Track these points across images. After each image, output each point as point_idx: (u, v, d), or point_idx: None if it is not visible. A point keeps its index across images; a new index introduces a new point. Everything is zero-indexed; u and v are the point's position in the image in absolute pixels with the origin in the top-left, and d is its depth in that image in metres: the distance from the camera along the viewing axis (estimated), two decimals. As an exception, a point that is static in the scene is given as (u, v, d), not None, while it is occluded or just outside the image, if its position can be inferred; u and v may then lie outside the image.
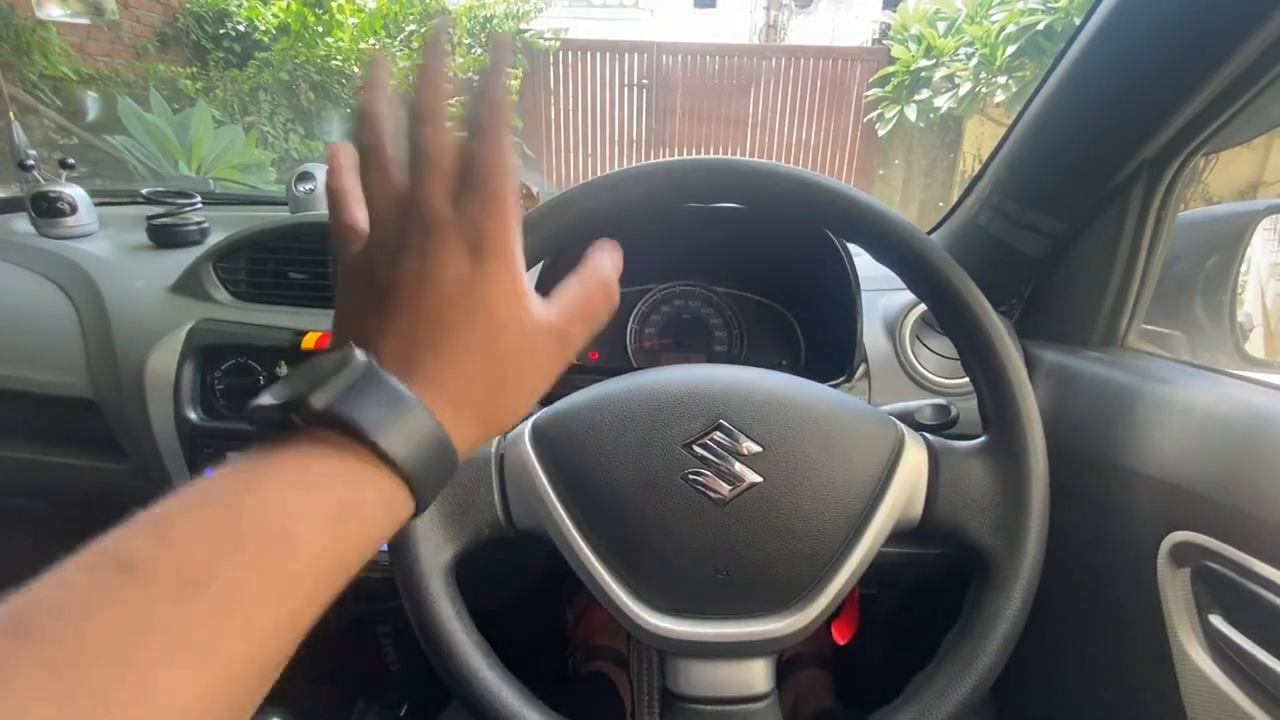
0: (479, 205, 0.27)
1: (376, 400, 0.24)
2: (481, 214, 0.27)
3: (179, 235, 0.90)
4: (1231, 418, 0.49)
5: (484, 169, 0.27)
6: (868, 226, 0.42)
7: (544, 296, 0.30)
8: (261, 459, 0.23)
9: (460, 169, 0.28)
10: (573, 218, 0.42)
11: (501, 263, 0.28)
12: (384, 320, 0.27)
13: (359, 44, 4.09)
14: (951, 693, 0.38)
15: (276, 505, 0.22)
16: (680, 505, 0.40)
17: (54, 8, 0.90)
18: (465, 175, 0.28)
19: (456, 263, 0.27)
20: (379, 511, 0.25)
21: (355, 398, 0.24)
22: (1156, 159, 0.58)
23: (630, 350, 0.83)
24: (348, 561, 0.24)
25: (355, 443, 0.24)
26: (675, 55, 5.42)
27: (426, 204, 0.27)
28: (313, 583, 0.22)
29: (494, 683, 0.39)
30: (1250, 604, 0.44)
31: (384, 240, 0.28)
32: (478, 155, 0.28)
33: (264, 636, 0.21)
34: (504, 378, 0.28)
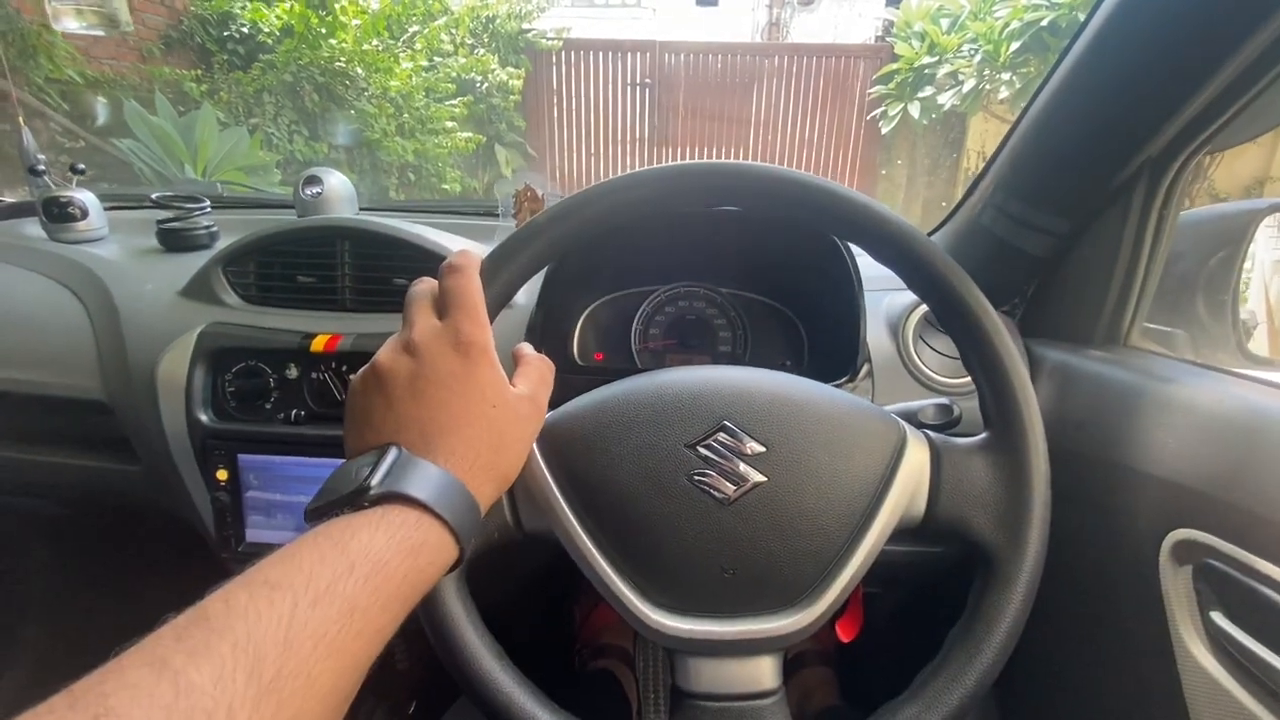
0: (461, 316, 0.37)
1: (414, 474, 0.32)
2: (464, 322, 0.37)
3: (188, 239, 0.91)
4: (1233, 416, 0.49)
5: (461, 293, 0.38)
6: (866, 228, 0.43)
7: (548, 302, 0.35)
8: (351, 519, 0.30)
9: (442, 297, 0.38)
10: (575, 225, 0.43)
11: (483, 355, 0.37)
12: (398, 419, 0.35)
13: (362, 45, 4.09)
14: (955, 687, 0.39)
15: (369, 543, 0.29)
16: (686, 506, 0.41)
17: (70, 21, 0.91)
18: (447, 299, 0.38)
19: (449, 362, 0.36)
20: (437, 551, 0.32)
21: (398, 476, 0.32)
22: (1159, 158, 0.59)
23: (635, 351, 0.84)
24: (420, 586, 0.31)
25: (409, 506, 0.32)
26: (678, 54, 5.41)
27: (419, 323, 0.37)
28: (401, 600, 0.30)
29: (506, 683, 0.40)
30: (1252, 601, 0.44)
31: (385, 361, 0.37)
32: (454, 285, 0.38)
33: (372, 639, 0.28)
34: (501, 441, 0.37)
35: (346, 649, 0.26)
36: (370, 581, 0.28)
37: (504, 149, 5.07)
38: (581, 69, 5.45)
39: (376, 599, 0.28)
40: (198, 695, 0.21)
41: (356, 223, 0.77)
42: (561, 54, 5.33)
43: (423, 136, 4.39)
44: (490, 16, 4.93)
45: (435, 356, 0.36)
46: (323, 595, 0.26)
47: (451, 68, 4.60)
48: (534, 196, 0.94)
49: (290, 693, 0.23)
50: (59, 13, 0.94)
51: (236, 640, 0.23)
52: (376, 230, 0.75)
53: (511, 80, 4.88)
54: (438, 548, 0.32)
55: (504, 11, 4.96)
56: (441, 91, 4.50)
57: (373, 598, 0.28)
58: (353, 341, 0.71)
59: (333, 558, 0.28)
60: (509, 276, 0.43)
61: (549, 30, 5.20)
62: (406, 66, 4.30)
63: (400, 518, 0.31)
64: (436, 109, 4.44)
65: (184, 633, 0.23)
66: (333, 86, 4.05)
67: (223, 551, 0.76)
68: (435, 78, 4.48)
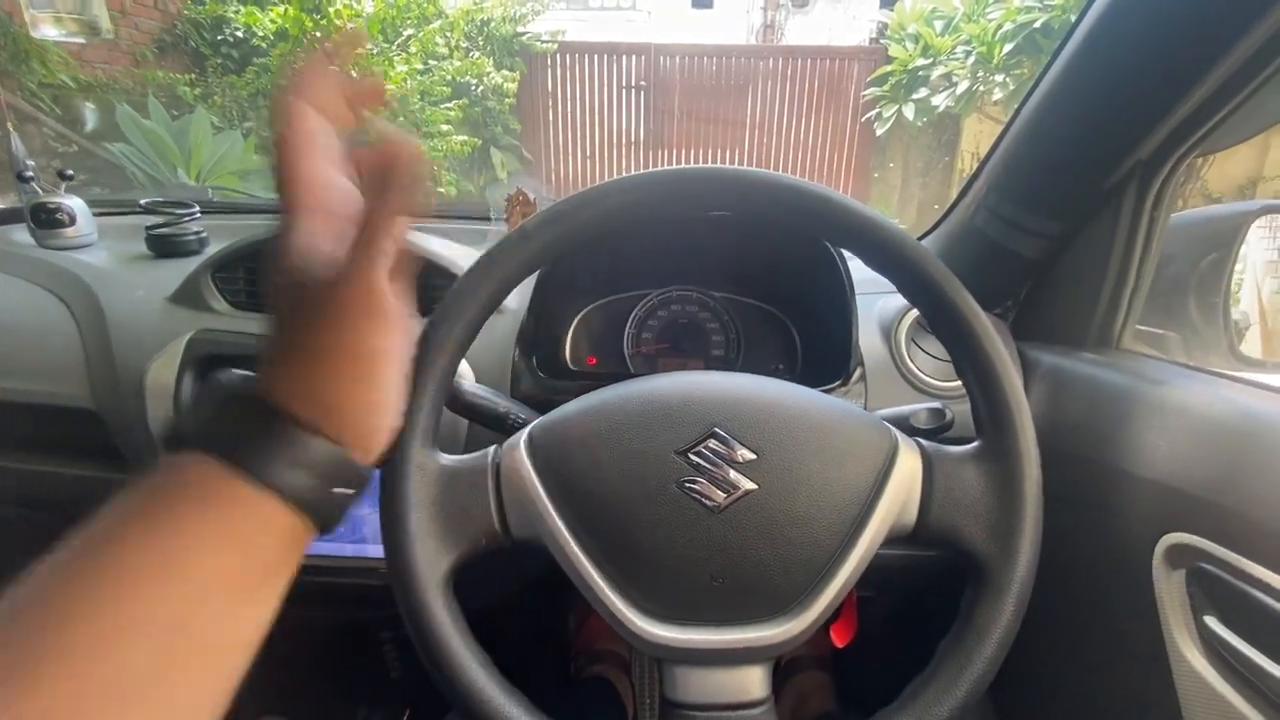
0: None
1: (291, 442, 0.28)
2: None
3: (178, 245, 0.90)
4: (1226, 420, 0.49)
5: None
6: (856, 233, 0.43)
7: (540, 307, 0.33)
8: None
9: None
10: (566, 230, 0.43)
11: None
12: (318, 350, 0.30)
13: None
14: (947, 697, 0.39)
15: (174, 544, 0.25)
16: (675, 513, 0.40)
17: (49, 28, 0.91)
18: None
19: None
20: (283, 555, 0.29)
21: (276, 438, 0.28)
22: (1149, 161, 0.59)
23: (627, 355, 0.83)
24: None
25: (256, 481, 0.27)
26: (673, 56, 5.42)
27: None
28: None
29: (495, 695, 0.39)
30: (1245, 605, 0.44)
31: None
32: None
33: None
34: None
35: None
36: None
37: (499, 152, 5.07)
38: (576, 72, 5.45)
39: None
40: None
41: (347, 228, 0.76)
42: (556, 57, 5.34)
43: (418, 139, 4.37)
44: (485, 20, 4.93)
45: (391, 315, 0.34)
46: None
47: (446, 71, 4.60)
48: (526, 201, 0.94)
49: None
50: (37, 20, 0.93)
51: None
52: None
53: (506, 83, 4.88)
54: (287, 545, 0.30)
55: (499, 15, 4.96)
56: (436, 95, 4.50)
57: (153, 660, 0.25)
58: None
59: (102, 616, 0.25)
60: (499, 281, 0.42)
61: (544, 33, 5.20)
62: (401, 70, 4.30)
63: (236, 498, 0.28)
64: (432, 112, 4.43)
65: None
66: (327, 90, 4.04)
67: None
68: (430, 81, 4.47)
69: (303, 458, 0.28)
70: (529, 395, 0.68)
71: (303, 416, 0.28)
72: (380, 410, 0.32)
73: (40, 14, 0.97)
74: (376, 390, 0.32)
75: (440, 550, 0.41)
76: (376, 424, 0.32)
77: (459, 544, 0.42)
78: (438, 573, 0.41)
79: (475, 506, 0.42)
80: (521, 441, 0.44)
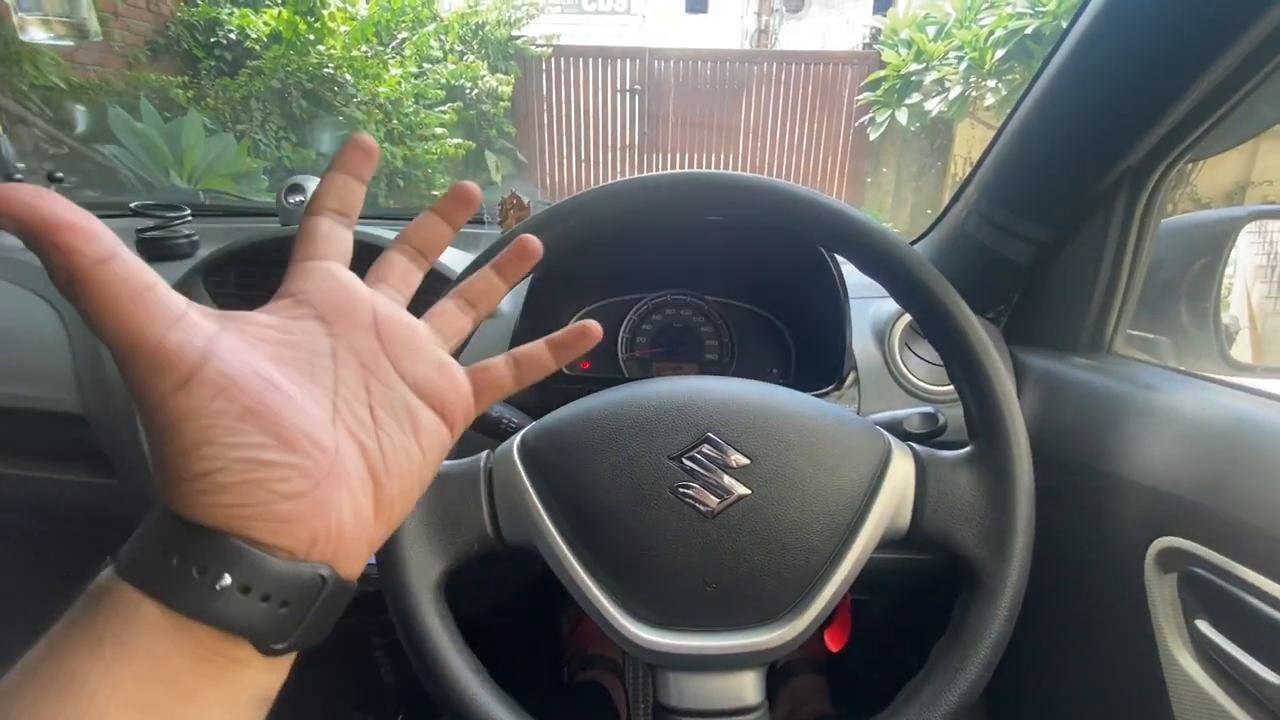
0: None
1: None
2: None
3: (169, 248, 0.89)
4: (1217, 424, 0.49)
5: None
6: (848, 238, 0.43)
7: (533, 310, 0.32)
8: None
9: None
10: (558, 233, 0.43)
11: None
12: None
13: (351, 51, 4.08)
14: (940, 701, 0.39)
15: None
16: (669, 518, 0.40)
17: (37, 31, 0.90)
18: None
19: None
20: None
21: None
22: (1139, 167, 0.59)
23: (622, 359, 0.83)
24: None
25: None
26: (667, 60, 5.44)
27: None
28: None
29: (486, 701, 0.39)
30: (1236, 608, 0.44)
31: None
32: None
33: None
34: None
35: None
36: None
37: (494, 155, 5.07)
38: (571, 75, 5.46)
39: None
40: None
41: (339, 231, 0.76)
42: (551, 60, 5.35)
43: (412, 143, 4.38)
44: (480, 23, 4.93)
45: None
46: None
47: (441, 74, 4.60)
48: (520, 204, 0.94)
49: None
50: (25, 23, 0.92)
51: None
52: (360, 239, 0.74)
53: (501, 86, 4.88)
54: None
55: (493, 18, 4.96)
56: (431, 98, 4.50)
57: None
58: None
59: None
60: None
61: (538, 37, 5.21)
62: (396, 73, 4.29)
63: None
64: (426, 115, 4.43)
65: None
66: (321, 93, 4.04)
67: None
68: (425, 84, 4.47)
69: (241, 577, 0.22)
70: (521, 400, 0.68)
71: (238, 530, 0.22)
72: (351, 512, 0.25)
73: (29, 17, 0.96)
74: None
75: (432, 556, 0.41)
76: (343, 529, 0.24)
77: (451, 549, 0.42)
78: (430, 578, 0.40)
79: (467, 512, 0.42)
80: (514, 446, 0.44)
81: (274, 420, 0.22)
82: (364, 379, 0.26)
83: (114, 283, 0.20)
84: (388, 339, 0.27)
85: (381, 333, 0.27)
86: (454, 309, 0.32)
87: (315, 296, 0.26)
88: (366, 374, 0.26)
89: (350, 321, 0.27)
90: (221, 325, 0.23)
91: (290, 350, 0.25)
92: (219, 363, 0.22)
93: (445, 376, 0.29)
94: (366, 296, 0.28)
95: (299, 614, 0.23)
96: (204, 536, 0.22)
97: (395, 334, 0.28)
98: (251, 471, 0.22)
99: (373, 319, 0.27)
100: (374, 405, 0.26)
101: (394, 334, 0.28)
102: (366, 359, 0.27)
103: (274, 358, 0.24)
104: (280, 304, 0.26)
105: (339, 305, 0.27)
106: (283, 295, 0.26)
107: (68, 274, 0.20)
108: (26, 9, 0.96)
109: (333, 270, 0.27)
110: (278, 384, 0.23)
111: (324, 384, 0.25)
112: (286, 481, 0.22)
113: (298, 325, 0.26)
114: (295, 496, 0.23)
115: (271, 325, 0.25)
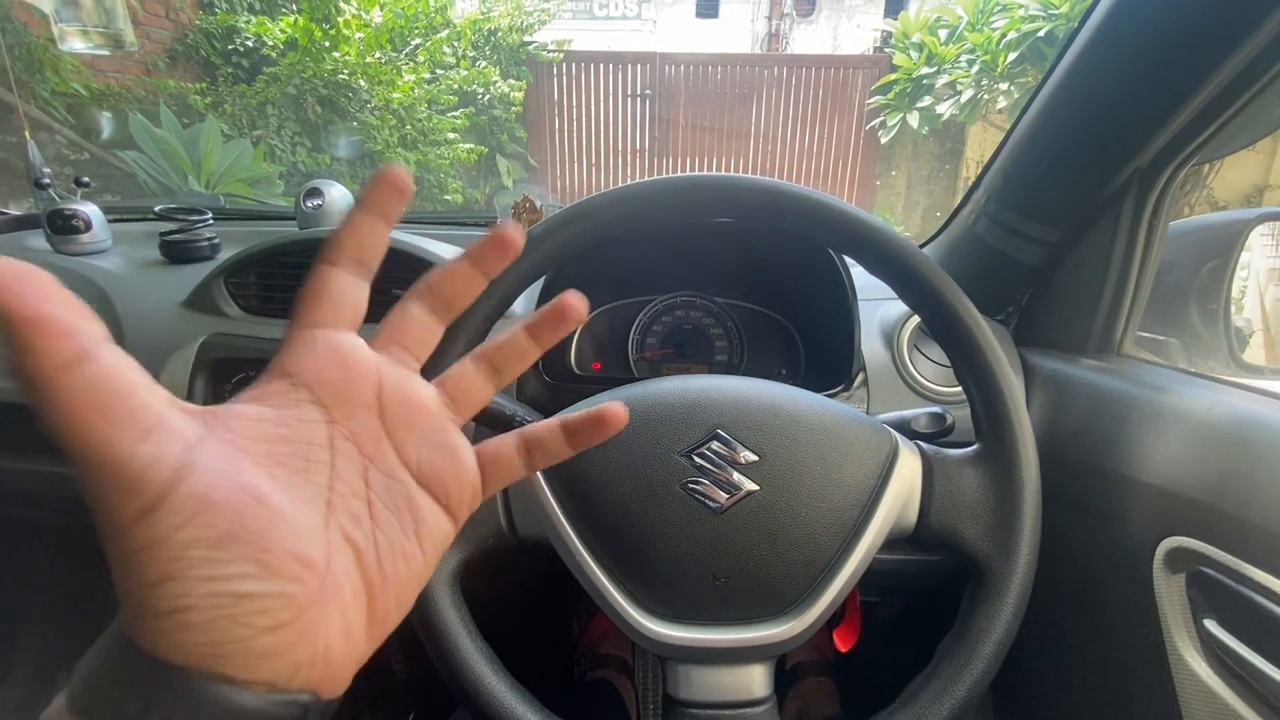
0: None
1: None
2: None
3: (191, 251, 0.91)
4: (1226, 424, 0.50)
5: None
6: (856, 240, 0.43)
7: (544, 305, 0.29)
8: None
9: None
10: (571, 236, 0.43)
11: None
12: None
13: (365, 58, 4.13)
14: (946, 697, 0.39)
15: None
16: (679, 513, 0.41)
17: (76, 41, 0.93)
18: None
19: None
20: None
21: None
22: (1148, 168, 0.59)
23: (632, 361, 0.84)
24: None
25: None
26: (678, 65, 5.46)
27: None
28: None
29: (501, 690, 0.40)
30: (1244, 608, 0.44)
31: None
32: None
33: None
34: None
35: None
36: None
37: (505, 160, 5.11)
38: (582, 81, 5.49)
39: None
40: None
41: (356, 234, 0.77)
42: (562, 66, 5.38)
43: (425, 148, 4.43)
44: (492, 29, 4.98)
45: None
46: None
47: (453, 80, 4.64)
48: (532, 207, 0.95)
49: None
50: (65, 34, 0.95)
51: None
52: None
53: (513, 92, 4.92)
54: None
55: (505, 24, 5.01)
56: (443, 103, 4.54)
57: None
58: None
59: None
60: (505, 287, 0.43)
61: (550, 42, 5.24)
62: (409, 79, 4.34)
63: None
64: (438, 120, 4.47)
65: None
66: (336, 99, 4.09)
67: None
68: (437, 90, 4.52)
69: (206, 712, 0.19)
70: (534, 399, 0.69)
71: (210, 669, 0.20)
72: (340, 633, 0.22)
73: (69, 28, 0.99)
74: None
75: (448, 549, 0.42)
76: (331, 653, 0.22)
77: (466, 543, 0.43)
78: (446, 571, 0.42)
79: (482, 506, 0.43)
80: None
81: (256, 543, 0.20)
82: (363, 469, 0.24)
83: (80, 390, 0.17)
84: (392, 419, 0.24)
85: (386, 412, 0.24)
86: (474, 375, 0.27)
87: (313, 378, 0.23)
88: (366, 463, 0.24)
89: (351, 403, 0.24)
90: (206, 429, 0.21)
91: (283, 446, 0.22)
92: (195, 482, 0.19)
93: (453, 462, 0.26)
94: (372, 369, 0.24)
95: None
96: (168, 677, 0.19)
97: (401, 412, 0.25)
98: (226, 607, 0.19)
99: (377, 396, 0.24)
100: (372, 499, 0.24)
101: (400, 413, 0.25)
102: (367, 445, 0.24)
103: (264, 458, 0.21)
104: (275, 387, 0.23)
105: (339, 386, 0.24)
106: (279, 375, 0.23)
107: (26, 376, 0.17)
108: (66, 20, 0.99)
109: (336, 343, 0.24)
110: (263, 497, 0.20)
111: (318, 480, 0.22)
112: (267, 614, 0.20)
113: (292, 415, 0.23)
114: (277, 628, 0.20)
115: (263, 419, 0.22)
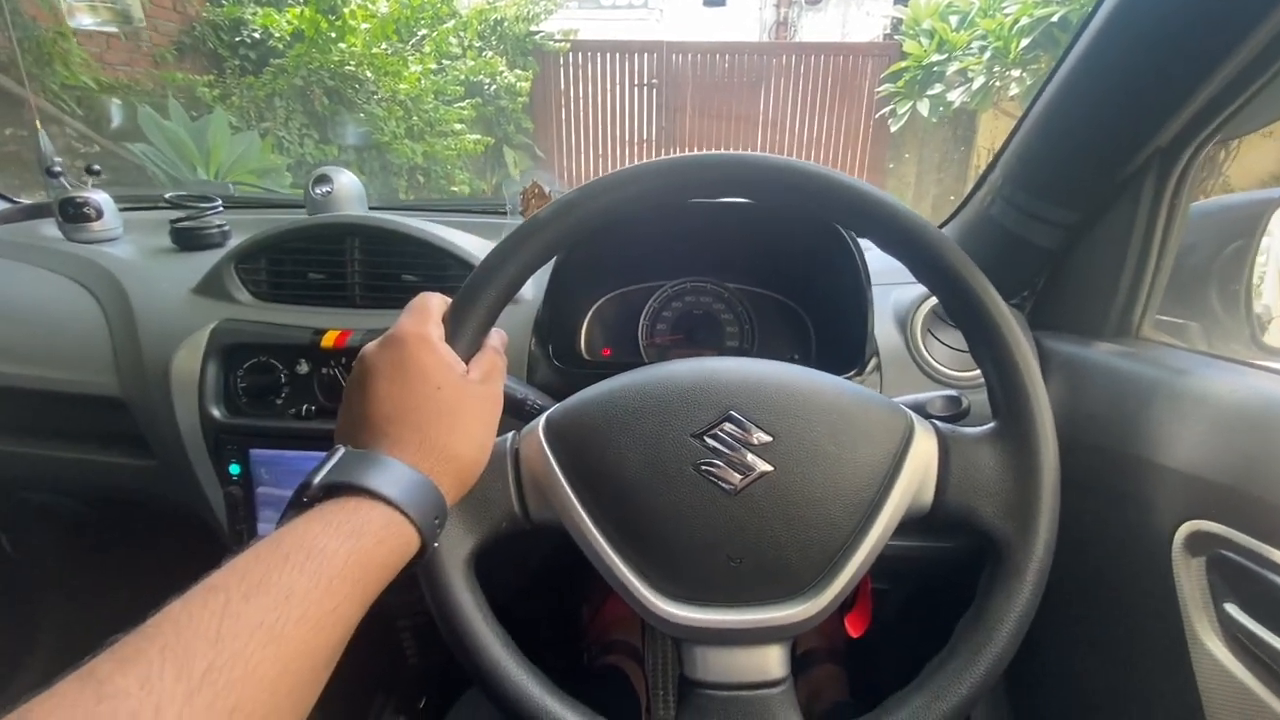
0: (402, 317, 0.41)
1: (354, 464, 0.34)
2: (402, 320, 0.40)
3: (201, 238, 0.92)
4: (1248, 407, 0.49)
5: (411, 303, 0.42)
6: (876, 219, 0.43)
7: (555, 298, 0.35)
8: (295, 520, 0.32)
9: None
10: (579, 218, 0.43)
11: (420, 343, 0.39)
12: (351, 418, 0.38)
13: (371, 49, 4.12)
14: (965, 677, 0.39)
15: (306, 532, 0.30)
16: (692, 495, 0.41)
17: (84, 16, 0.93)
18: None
19: (388, 355, 0.39)
20: (385, 531, 0.33)
21: (339, 470, 0.34)
22: (1168, 148, 0.58)
23: (642, 346, 0.84)
24: (374, 570, 0.32)
25: (348, 495, 0.33)
26: (685, 54, 5.41)
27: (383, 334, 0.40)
28: (346, 583, 0.30)
29: (516, 672, 0.40)
30: (1266, 592, 0.44)
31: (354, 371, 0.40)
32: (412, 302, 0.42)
33: (318, 625, 0.28)
34: (452, 421, 0.38)
35: (287, 635, 0.26)
36: (305, 567, 0.28)
37: (512, 150, 5.09)
38: (589, 70, 5.45)
39: (316, 582, 0.28)
40: (121, 698, 0.22)
41: (366, 220, 0.77)
42: (569, 56, 5.34)
43: (432, 139, 4.42)
44: (498, 19, 4.95)
45: (375, 357, 0.39)
46: (255, 588, 0.27)
47: (460, 70, 4.63)
48: (541, 193, 0.95)
49: (226, 684, 0.24)
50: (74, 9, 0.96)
51: (165, 643, 0.24)
52: (386, 227, 0.76)
53: (519, 82, 4.90)
54: (384, 525, 0.33)
55: (512, 14, 4.98)
56: (450, 94, 4.53)
57: (311, 581, 0.28)
58: (362, 337, 0.71)
59: (267, 553, 0.29)
60: (513, 271, 0.43)
61: (556, 32, 5.21)
62: (415, 70, 4.33)
63: (338, 506, 0.32)
64: (445, 111, 4.46)
65: (118, 647, 0.24)
66: (343, 90, 4.09)
67: (235, 545, 0.77)
68: (444, 80, 4.50)
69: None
70: (544, 384, 0.69)
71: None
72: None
73: (77, 3, 0.99)
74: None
75: (463, 533, 0.42)
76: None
77: (480, 527, 0.43)
78: (461, 554, 0.41)
79: (495, 490, 0.43)
80: (540, 426, 0.45)
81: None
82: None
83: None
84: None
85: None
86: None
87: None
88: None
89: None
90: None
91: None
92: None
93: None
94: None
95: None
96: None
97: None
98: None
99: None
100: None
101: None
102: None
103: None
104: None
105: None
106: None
107: None
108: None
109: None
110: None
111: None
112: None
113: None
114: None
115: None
